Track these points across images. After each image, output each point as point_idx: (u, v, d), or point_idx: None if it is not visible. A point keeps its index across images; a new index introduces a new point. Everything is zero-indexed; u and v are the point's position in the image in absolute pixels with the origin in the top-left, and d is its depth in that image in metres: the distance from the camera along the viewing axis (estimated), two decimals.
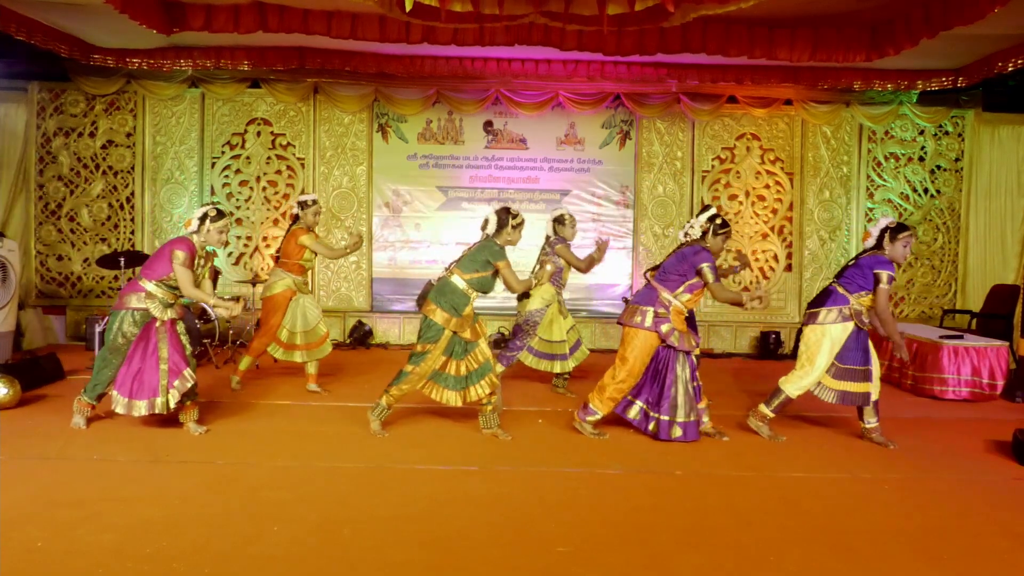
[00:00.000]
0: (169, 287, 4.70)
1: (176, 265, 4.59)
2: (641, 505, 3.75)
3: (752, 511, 3.69)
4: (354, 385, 6.56)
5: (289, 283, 6.06)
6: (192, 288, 4.65)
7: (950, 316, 8.79)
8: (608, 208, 9.19)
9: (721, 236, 4.90)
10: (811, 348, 4.93)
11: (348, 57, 8.10)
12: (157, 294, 4.66)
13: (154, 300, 4.67)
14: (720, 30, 6.80)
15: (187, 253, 4.63)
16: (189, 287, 4.63)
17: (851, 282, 4.88)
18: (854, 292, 4.86)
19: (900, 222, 4.94)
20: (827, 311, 4.91)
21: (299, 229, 6.08)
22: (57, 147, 8.79)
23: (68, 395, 5.85)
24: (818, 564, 3.11)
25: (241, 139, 9.00)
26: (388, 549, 3.14)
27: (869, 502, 3.87)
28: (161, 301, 4.68)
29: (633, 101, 8.89)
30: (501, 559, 3.08)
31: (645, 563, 3.07)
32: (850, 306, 4.84)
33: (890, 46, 6.74)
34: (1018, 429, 4.71)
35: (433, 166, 9.20)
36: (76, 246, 8.88)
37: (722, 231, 4.90)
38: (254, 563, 2.98)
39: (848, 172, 9.16)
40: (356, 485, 3.94)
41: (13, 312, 7.33)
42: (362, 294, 9.14)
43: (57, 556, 3.00)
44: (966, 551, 3.28)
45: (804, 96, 8.84)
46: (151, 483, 3.88)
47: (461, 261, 4.87)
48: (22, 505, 3.51)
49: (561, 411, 5.70)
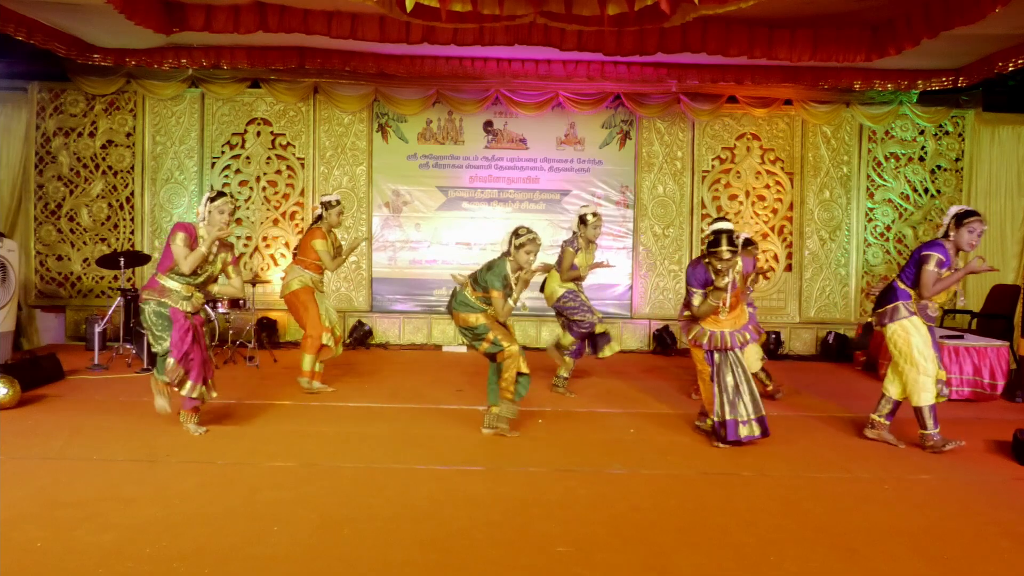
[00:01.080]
0: (183, 277, 4.68)
1: (173, 246, 4.59)
2: (641, 505, 3.75)
3: (752, 511, 3.69)
4: (354, 385, 6.56)
5: (307, 279, 6.06)
6: (185, 264, 4.56)
7: (950, 316, 8.79)
8: (608, 208, 9.19)
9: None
10: (900, 347, 4.79)
11: (348, 57, 8.10)
12: (172, 287, 4.68)
13: (171, 294, 4.69)
14: (720, 30, 6.80)
15: (185, 233, 4.60)
16: (182, 262, 4.58)
17: (907, 276, 4.80)
18: (911, 286, 4.78)
19: (968, 208, 4.70)
20: (892, 308, 4.80)
21: (317, 230, 6.09)
22: (57, 147, 8.79)
23: (68, 395, 5.88)
24: (818, 564, 3.11)
25: (241, 139, 9.00)
26: (388, 549, 3.14)
27: (869, 502, 3.86)
28: (177, 294, 4.69)
29: (633, 101, 8.89)
30: (501, 559, 3.08)
31: (645, 563, 3.07)
32: (912, 300, 4.75)
33: (890, 46, 6.74)
34: (1018, 429, 4.71)
35: (433, 166, 9.20)
36: (76, 246, 8.88)
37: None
38: (254, 563, 2.98)
39: (848, 172, 9.17)
40: (356, 485, 3.94)
41: (13, 312, 7.33)
42: (362, 294, 9.13)
43: (57, 556, 2.99)
44: (966, 551, 3.27)
45: (804, 96, 8.84)
46: (151, 483, 3.88)
47: (475, 276, 4.95)
48: (22, 505, 3.51)
49: (562, 411, 5.71)
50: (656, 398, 6.31)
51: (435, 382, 6.82)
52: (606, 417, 5.61)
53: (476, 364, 7.25)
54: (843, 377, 7.71)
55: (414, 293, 9.24)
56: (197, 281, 4.74)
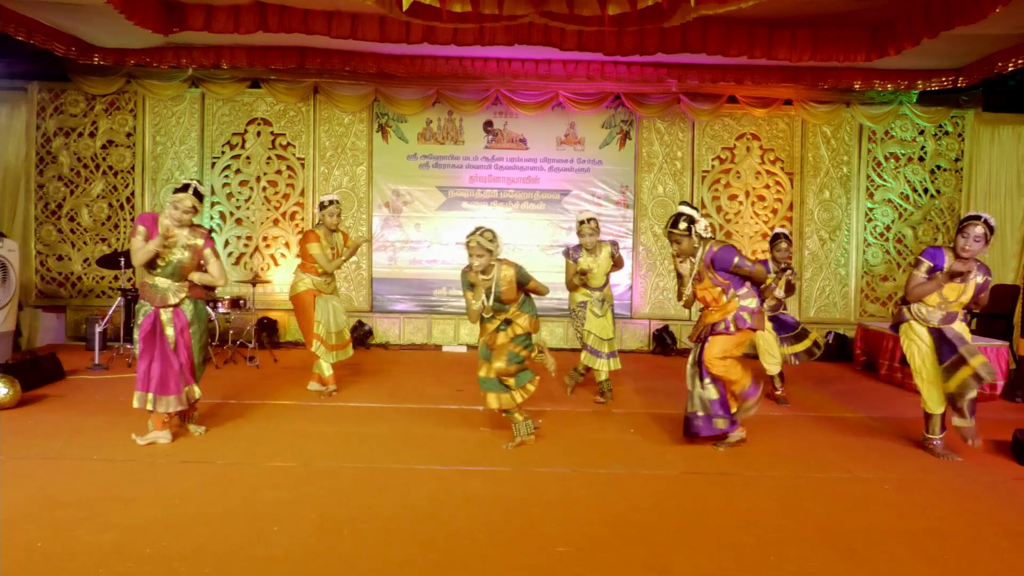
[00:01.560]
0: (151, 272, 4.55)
1: (132, 240, 4.51)
2: (641, 505, 3.75)
3: (752, 511, 3.69)
4: (354, 385, 6.56)
5: (309, 283, 6.01)
6: (135, 258, 4.47)
7: None
8: (608, 208, 9.19)
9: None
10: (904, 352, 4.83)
11: (348, 57, 8.10)
12: (149, 283, 4.57)
13: (148, 290, 4.56)
14: (720, 30, 6.80)
15: (143, 227, 4.45)
16: (133, 256, 4.49)
17: None
18: None
19: (973, 213, 4.62)
20: (897, 311, 4.82)
21: (311, 233, 6.02)
22: (57, 147, 8.79)
23: (68, 395, 5.88)
24: (818, 564, 3.11)
25: (241, 139, 9.00)
26: (388, 549, 3.14)
27: (869, 502, 3.86)
28: (154, 288, 4.55)
29: (633, 101, 8.90)
30: (501, 559, 3.08)
31: (645, 563, 3.07)
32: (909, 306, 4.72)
33: (890, 46, 6.74)
34: (1018, 429, 4.71)
35: (433, 166, 9.20)
36: (76, 246, 8.88)
37: None
38: (254, 563, 2.98)
39: (848, 172, 9.17)
40: (356, 485, 3.94)
41: (13, 312, 7.33)
42: (362, 294, 9.14)
43: (57, 556, 2.99)
44: (966, 551, 3.27)
45: (804, 96, 8.84)
46: (151, 483, 3.88)
47: None
48: (22, 505, 3.51)
49: (562, 411, 5.70)
50: (656, 398, 6.30)
51: (435, 382, 6.82)
52: (606, 417, 5.61)
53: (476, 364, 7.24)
54: (843, 377, 7.71)
55: (414, 293, 9.24)
56: (164, 274, 4.56)
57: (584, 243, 5.97)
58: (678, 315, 9.12)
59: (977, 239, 4.46)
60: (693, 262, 4.66)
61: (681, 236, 4.60)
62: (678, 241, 4.63)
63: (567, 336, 9.00)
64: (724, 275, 4.62)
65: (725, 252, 4.58)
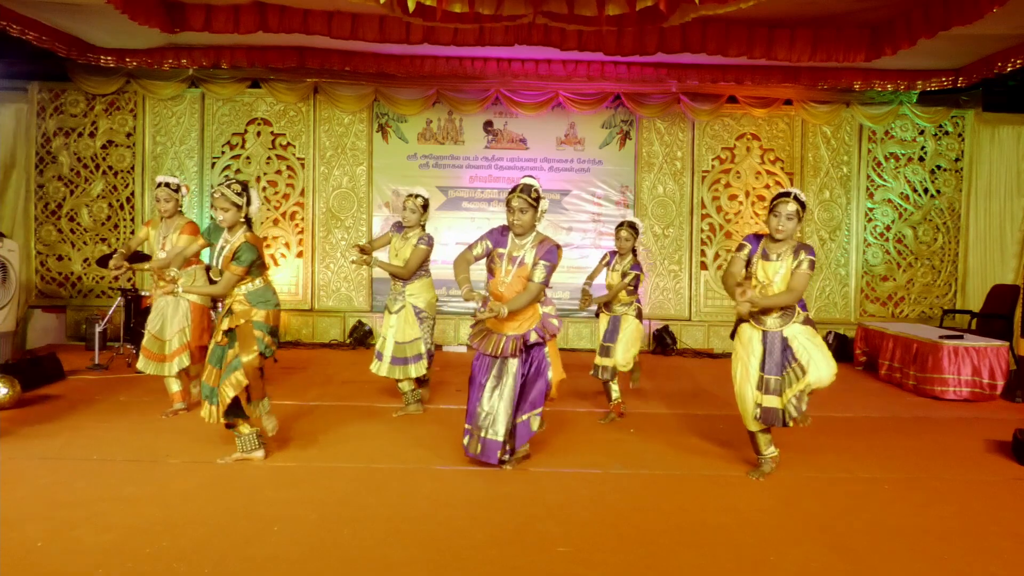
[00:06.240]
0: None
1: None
2: (641, 505, 3.75)
3: (752, 511, 3.69)
4: (354, 385, 6.56)
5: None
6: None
7: (950, 316, 8.79)
8: (608, 208, 9.19)
9: None
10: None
11: (348, 57, 8.10)
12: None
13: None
14: (720, 30, 6.80)
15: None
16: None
17: None
18: None
19: (783, 190, 4.46)
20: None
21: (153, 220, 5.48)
22: (57, 147, 8.79)
23: (68, 395, 5.87)
24: (818, 564, 3.10)
25: (241, 139, 9.00)
26: (388, 549, 3.14)
27: (869, 502, 3.86)
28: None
29: (633, 101, 8.90)
30: (501, 559, 3.08)
31: (645, 563, 3.07)
32: None
33: (890, 46, 6.74)
34: (1018, 429, 4.71)
35: (433, 166, 9.20)
36: (76, 246, 8.88)
37: None
38: (254, 563, 2.98)
39: (848, 172, 9.17)
40: (356, 485, 3.94)
41: (13, 312, 7.33)
42: (362, 294, 9.13)
43: (57, 556, 2.99)
44: (966, 551, 3.27)
45: (804, 96, 8.85)
46: (151, 483, 3.88)
47: None
48: (22, 505, 3.51)
49: (562, 411, 5.70)
50: (656, 398, 6.30)
51: (435, 382, 6.81)
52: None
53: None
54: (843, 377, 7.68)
55: None
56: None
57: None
58: (678, 315, 9.13)
59: (790, 217, 4.31)
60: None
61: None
62: (523, 210, 4.26)
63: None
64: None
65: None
